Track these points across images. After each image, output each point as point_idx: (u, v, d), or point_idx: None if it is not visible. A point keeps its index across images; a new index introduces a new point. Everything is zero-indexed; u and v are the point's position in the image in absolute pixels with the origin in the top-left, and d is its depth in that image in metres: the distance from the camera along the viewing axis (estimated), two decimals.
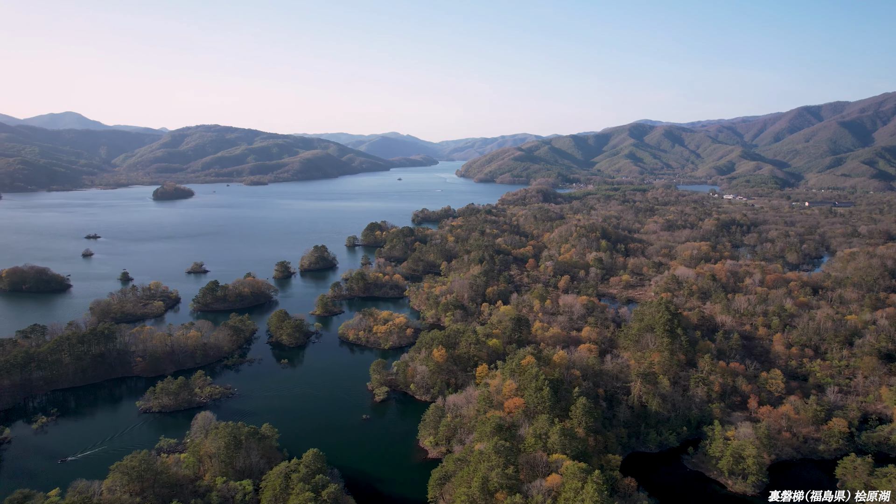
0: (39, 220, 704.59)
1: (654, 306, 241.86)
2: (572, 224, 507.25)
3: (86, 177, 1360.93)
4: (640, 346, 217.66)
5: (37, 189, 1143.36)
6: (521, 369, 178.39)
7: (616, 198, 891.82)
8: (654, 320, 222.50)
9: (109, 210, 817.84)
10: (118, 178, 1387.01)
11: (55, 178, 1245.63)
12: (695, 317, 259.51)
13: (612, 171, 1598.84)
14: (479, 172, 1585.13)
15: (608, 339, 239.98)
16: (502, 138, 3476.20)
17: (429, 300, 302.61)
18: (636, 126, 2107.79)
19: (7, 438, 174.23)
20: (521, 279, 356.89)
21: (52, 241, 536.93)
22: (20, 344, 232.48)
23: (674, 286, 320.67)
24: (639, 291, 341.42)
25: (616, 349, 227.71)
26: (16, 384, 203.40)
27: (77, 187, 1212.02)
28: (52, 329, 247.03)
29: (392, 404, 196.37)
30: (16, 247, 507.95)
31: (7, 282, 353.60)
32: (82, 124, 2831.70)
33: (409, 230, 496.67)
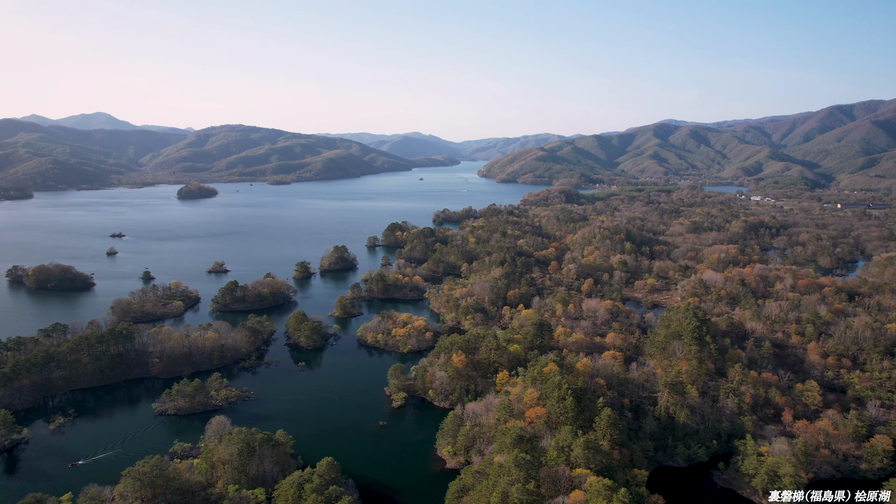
0: (68, 219, 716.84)
1: (681, 312, 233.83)
2: (596, 225, 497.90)
3: (113, 176, 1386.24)
4: (666, 354, 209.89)
5: (67, 188, 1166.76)
6: (543, 377, 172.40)
7: (640, 199, 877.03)
8: (682, 327, 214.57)
9: (135, 209, 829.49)
10: (144, 178, 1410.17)
11: (84, 177, 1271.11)
12: (723, 323, 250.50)
13: (636, 172, 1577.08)
14: (501, 172, 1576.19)
15: (633, 345, 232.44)
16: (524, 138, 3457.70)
17: (449, 303, 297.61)
18: (661, 126, 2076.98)
19: (25, 439, 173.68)
20: (543, 282, 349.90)
21: (79, 240, 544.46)
22: (41, 343, 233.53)
23: (701, 291, 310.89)
24: (665, 296, 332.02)
25: (642, 356, 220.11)
26: (36, 383, 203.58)
27: (105, 186, 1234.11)
28: (73, 328, 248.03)
29: (410, 410, 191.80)
30: (44, 245, 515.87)
31: (33, 280, 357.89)
32: (112, 124, 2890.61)
33: (430, 231, 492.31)
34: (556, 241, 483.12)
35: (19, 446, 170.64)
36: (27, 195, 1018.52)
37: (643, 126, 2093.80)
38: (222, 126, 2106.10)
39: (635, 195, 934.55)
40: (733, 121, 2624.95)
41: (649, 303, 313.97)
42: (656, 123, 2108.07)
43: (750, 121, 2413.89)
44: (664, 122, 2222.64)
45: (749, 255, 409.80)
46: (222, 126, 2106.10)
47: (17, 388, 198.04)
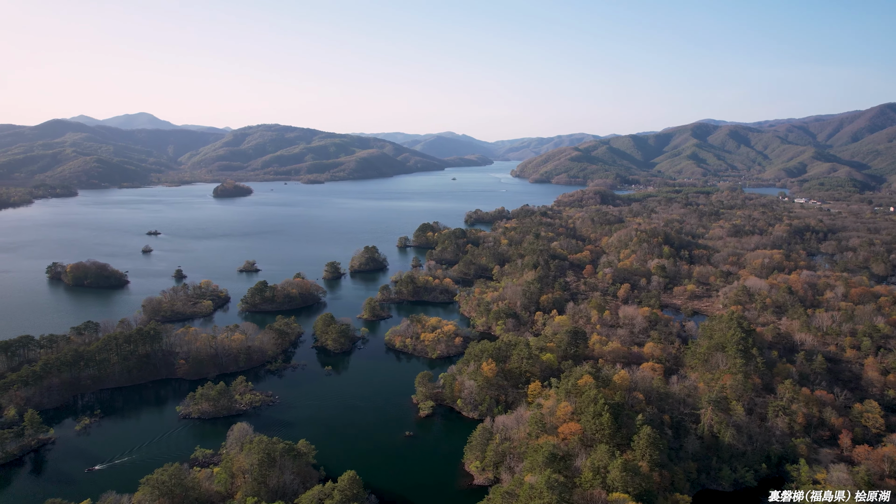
0: (108, 216, 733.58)
1: (724, 321, 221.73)
2: (632, 228, 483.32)
3: (153, 174, 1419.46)
4: (709, 367, 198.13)
5: (109, 186, 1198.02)
6: (578, 390, 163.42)
7: (678, 200, 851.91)
8: (726, 338, 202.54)
9: (172, 207, 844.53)
10: (182, 176, 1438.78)
11: (126, 175, 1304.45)
12: (769, 334, 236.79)
13: (673, 173, 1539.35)
14: (535, 173, 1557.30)
15: (673, 356, 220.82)
16: (559, 138, 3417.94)
17: (479, 307, 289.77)
18: (699, 126, 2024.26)
19: (52, 439, 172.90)
20: (577, 286, 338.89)
21: (118, 237, 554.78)
22: (73, 341, 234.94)
23: (744, 298, 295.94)
24: (705, 303, 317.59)
25: (682, 369, 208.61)
26: (65, 382, 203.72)
27: (145, 184, 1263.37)
28: (104, 326, 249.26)
29: (437, 420, 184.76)
30: (85, 242, 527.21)
31: (71, 276, 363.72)
32: (153, 124, 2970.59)
33: (462, 232, 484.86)
34: (591, 243, 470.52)
35: (46, 446, 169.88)
36: (72, 193, 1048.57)
37: (681, 126, 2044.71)
38: (259, 126, 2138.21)
39: (673, 197, 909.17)
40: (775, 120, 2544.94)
41: (689, 310, 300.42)
42: (694, 123, 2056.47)
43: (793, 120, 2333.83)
44: (702, 121, 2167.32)
45: (795, 260, 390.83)
46: (259, 126, 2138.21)
47: (47, 387, 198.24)
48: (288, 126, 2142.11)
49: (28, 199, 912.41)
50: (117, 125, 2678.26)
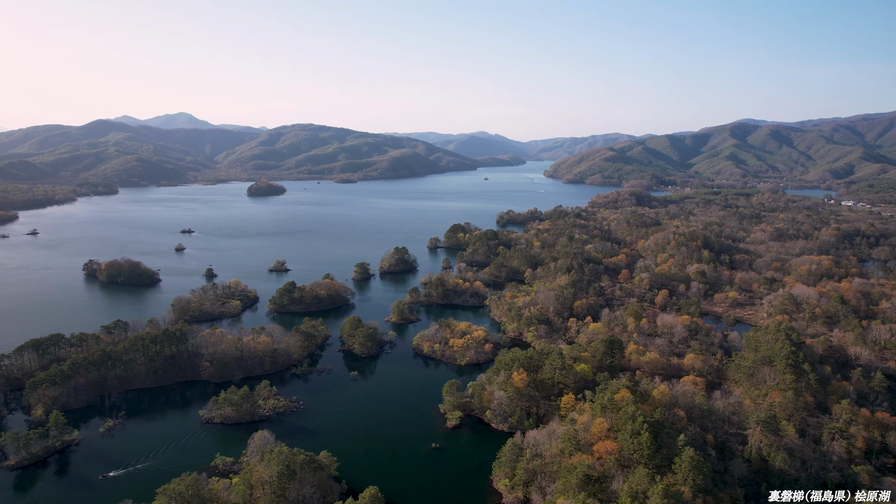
0: (146, 214, 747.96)
1: (770, 332, 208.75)
2: (670, 231, 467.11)
3: (190, 173, 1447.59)
4: (755, 382, 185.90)
5: (148, 184, 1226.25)
6: (615, 405, 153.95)
7: (717, 202, 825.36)
8: (773, 351, 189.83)
9: (207, 205, 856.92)
10: (218, 175, 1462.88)
11: (164, 173, 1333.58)
12: (820, 346, 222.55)
13: (711, 174, 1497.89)
14: (568, 173, 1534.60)
15: (715, 369, 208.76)
16: (593, 138, 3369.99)
17: (510, 312, 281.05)
18: (738, 125, 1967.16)
19: (76, 440, 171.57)
20: (612, 292, 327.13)
21: (152, 235, 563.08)
22: (102, 339, 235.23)
23: (791, 308, 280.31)
24: (748, 311, 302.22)
25: (725, 382, 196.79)
26: (92, 382, 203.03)
27: (182, 183, 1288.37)
28: (133, 325, 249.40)
29: (465, 432, 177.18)
30: (122, 239, 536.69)
31: (105, 274, 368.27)
32: (192, 124, 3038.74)
33: (493, 233, 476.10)
34: (627, 246, 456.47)
35: (70, 448, 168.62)
36: (113, 191, 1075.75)
37: (719, 126, 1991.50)
38: (293, 125, 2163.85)
39: (711, 198, 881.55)
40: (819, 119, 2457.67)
41: (731, 319, 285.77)
42: (733, 123, 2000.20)
43: (839, 119, 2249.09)
44: (742, 121, 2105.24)
45: (845, 267, 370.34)
46: (293, 125, 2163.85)
47: (74, 387, 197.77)
48: (322, 126, 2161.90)
49: (72, 197, 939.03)
50: (158, 125, 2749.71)
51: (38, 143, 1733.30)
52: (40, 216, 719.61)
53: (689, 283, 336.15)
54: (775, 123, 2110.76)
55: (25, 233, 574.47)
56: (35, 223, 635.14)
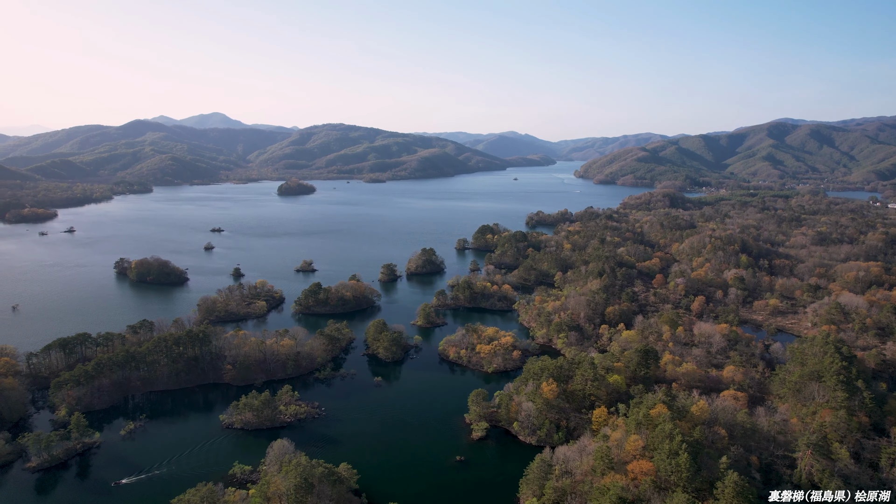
0: (178, 213, 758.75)
1: (817, 344, 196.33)
2: (705, 234, 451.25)
3: (223, 172, 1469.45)
4: (802, 398, 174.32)
5: (181, 183, 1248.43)
6: (651, 422, 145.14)
7: (754, 204, 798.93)
8: (822, 365, 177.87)
9: (238, 204, 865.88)
10: (250, 174, 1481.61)
11: (197, 172, 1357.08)
12: (872, 360, 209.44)
13: (746, 175, 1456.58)
14: (600, 173, 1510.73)
15: (757, 382, 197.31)
16: (624, 138, 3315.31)
17: (540, 317, 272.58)
18: (776, 125, 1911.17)
19: (96, 443, 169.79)
20: (646, 297, 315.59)
21: (183, 234, 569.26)
22: (128, 339, 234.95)
23: (839, 317, 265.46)
24: (790, 320, 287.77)
25: (768, 397, 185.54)
26: (115, 383, 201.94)
27: (214, 181, 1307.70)
28: (158, 325, 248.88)
29: (491, 444, 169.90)
30: (153, 238, 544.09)
31: (135, 273, 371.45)
32: (225, 123, 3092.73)
33: (522, 235, 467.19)
34: (661, 250, 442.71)
35: (91, 450, 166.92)
36: (148, 189, 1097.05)
37: (755, 125, 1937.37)
38: (324, 125, 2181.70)
39: (747, 200, 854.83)
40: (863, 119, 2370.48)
41: (772, 328, 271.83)
42: (771, 122, 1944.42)
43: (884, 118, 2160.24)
44: (780, 120, 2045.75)
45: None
46: (324, 125, 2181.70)
47: (98, 388, 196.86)
48: (352, 125, 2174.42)
49: (109, 195, 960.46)
50: (192, 125, 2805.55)
51: (79, 142, 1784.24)
52: (78, 214, 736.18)
53: (726, 290, 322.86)
54: (815, 123, 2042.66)
55: (63, 230, 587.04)
56: (72, 221, 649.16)
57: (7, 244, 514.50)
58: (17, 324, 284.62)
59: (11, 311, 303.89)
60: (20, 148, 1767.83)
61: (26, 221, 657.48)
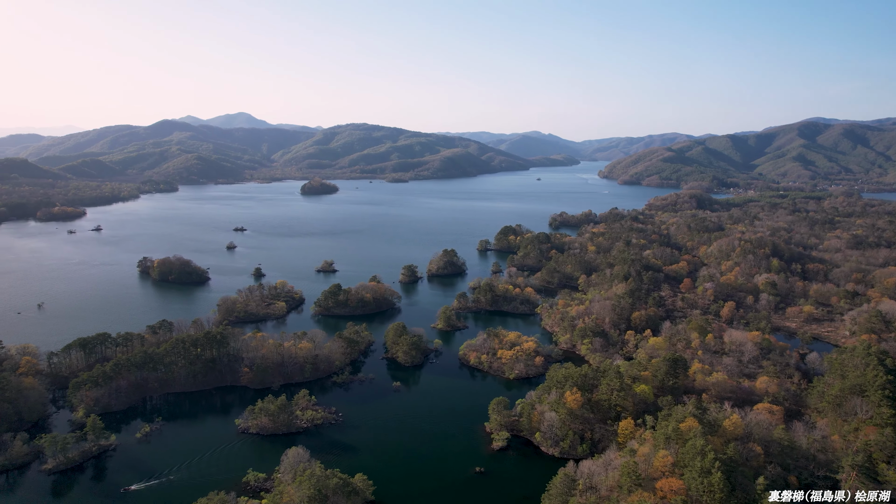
0: (202, 212, 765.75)
1: (858, 355, 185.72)
2: (734, 237, 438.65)
3: (247, 171, 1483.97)
4: (843, 413, 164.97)
5: (206, 182, 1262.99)
6: (680, 436, 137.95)
7: (784, 206, 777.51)
8: (865, 378, 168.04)
9: (262, 203, 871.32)
10: (273, 173, 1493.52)
11: (222, 172, 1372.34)
12: None
13: (776, 176, 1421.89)
14: (624, 174, 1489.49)
15: (793, 394, 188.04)
16: (649, 138, 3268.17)
17: (563, 322, 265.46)
18: (807, 125, 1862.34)
19: (112, 445, 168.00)
20: (673, 302, 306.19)
21: (206, 233, 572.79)
22: (147, 339, 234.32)
23: (879, 326, 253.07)
24: (826, 328, 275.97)
25: (806, 411, 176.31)
26: (132, 384, 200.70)
27: (239, 181, 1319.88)
28: (178, 325, 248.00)
29: (512, 455, 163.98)
30: (177, 237, 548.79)
31: (157, 272, 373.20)
32: (250, 123, 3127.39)
33: (546, 236, 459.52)
34: (688, 253, 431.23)
35: (107, 453, 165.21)
36: (174, 188, 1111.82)
37: (785, 125, 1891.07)
38: (347, 125, 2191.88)
39: (777, 202, 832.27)
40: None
41: (808, 336, 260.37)
42: (801, 122, 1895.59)
43: None
44: (811, 120, 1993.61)
45: None
46: (347, 125, 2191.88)
47: (115, 389, 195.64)
48: (375, 125, 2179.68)
49: (136, 194, 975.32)
50: (218, 124, 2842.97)
51: (109, 142, 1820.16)
52: (105, 212, 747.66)
53: (757, 295, 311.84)
54: (849, 122, 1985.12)
55: (90, 229, 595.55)
56: (100, 219, 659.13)
57: (37, 242, 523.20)
58: (41, 322, 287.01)
59: (37, 309, 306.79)
60: (53, 147, 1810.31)
61: (56, 220, 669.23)
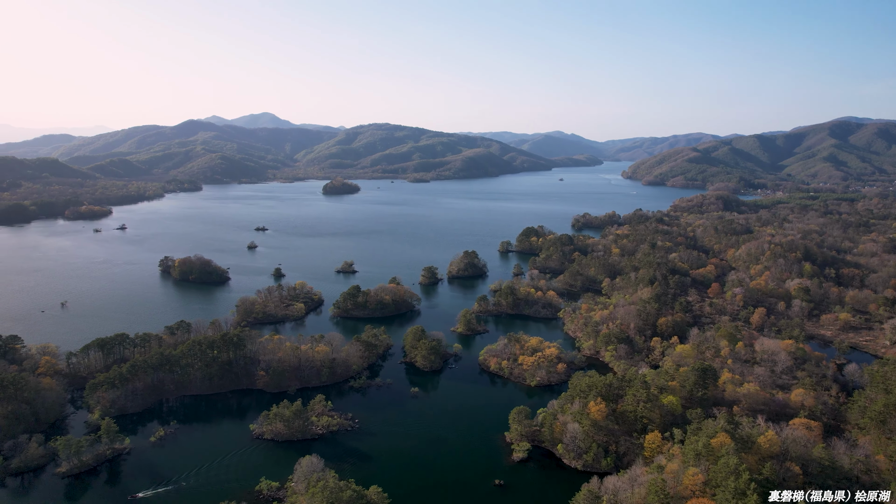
0: (225, 211, 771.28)
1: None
2: (764, 240, 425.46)
3: (270, 171, 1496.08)
4: (887, 430, 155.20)
5: (230, 181, 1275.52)
6: (711, 453, 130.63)
7: (815, 208, 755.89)
8: None
9: (284, 203, 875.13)
10: (296, 173, 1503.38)
11: (246, 171, 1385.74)
12: None
13: (805, 177, 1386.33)
14: (648, 174, 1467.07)
15: (831, 408, 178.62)
16: (674, 138, 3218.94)
17: (587, 327, 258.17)
18: (839, 124, 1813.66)
19: (126, 449, 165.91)
20: (701, 308, 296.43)
21: (228, 232, 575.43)
22: (165, 340, 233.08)
23: None
24: (865, 337, 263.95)
25: (846, 426, 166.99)
26: (148, 386, 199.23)
27: (262, 180, 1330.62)
28: (196, 326, 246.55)
29: (533, 467, 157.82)
30: (199, 236, 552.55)
31: (178, 271, 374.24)
32: (274, 123, 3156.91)
33: (568, 238, 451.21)
34: (716, 256, 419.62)
35: (121, 456, 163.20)
36: (198, 188, 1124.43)
37: (815, 125, 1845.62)
38: (370, 125, 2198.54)
39: (808, 203, 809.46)
40: None
41: (844, 346, 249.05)
42: (833, 121, 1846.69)
43: None
44: (843, 119, 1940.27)
45: None
46: (370, 125, 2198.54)
47: (132, 390, 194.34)
48: (398, 125, 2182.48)
49: (161, 193, 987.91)
50: (243, 125, 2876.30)
51: (136, 142, 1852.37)
52: (131, 211, 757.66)
53: (789, 301, 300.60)
54: (883, 121, 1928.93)
55: (115, 227, 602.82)
56: (125, 218, 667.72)
57: (64, 241, 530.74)
58: (64, 321, 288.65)
59: (60, 308, 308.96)
60: (84, 147, 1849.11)
61: (84, 218, 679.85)
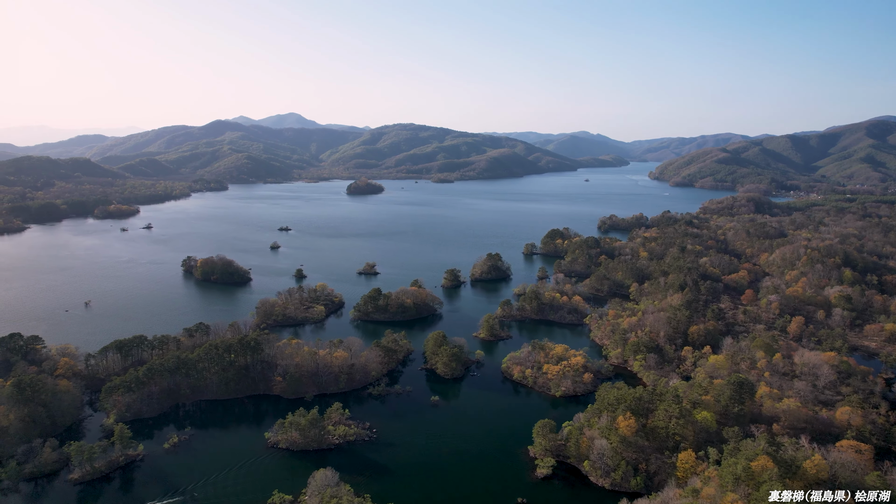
0: (249, 211, 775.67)
1: None
2: (800, 244, 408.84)
3: (295, 171, 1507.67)
4: None
5: (255, 181, 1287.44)
6: (752, 477, 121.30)
7: (852, 211, 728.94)
8: None
9: (308, 203, 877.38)
10: (321, 173, 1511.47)
11: (271, 171, 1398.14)
12: None
13: (841, 178, 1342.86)
14: (676, 175, 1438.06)
15: (880, 428, 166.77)
16: (702, 138, 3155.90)
17: (614, 334, 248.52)
18: (877, 123, 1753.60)
19: (140, 455, 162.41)
20: (734, 316, 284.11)
21: (252, 232, 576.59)
22: (183, 342, 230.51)
23: None
24: None
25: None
26: (164, 390, 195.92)
27: (287, 180, 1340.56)
28: (215, 328, 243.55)
29: (557, 485, 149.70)
30: (223, 236, 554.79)
31: (200, 271, 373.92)
32: (300, 123, 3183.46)
33: (595, 241, 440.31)
34: (748, 261, 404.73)
35: (134, 463, 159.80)
36: (224, 187, 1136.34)
37: (851, 124, 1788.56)
38: (395, 125, 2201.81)
39: (844, 206, 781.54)
40: None
41: (892, 359, 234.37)
42: (870, 120, 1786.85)
43: None
44: (881, 118, 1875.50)
45: None
46: (395, 125, 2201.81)
47: (148, 394, 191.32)
48: (422, 125, 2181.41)
49: (187, 193, 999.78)
50: (269, 125, 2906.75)
51: (165, 142, 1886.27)
52: (157, 211, 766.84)
53: (829, 310, 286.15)
54: None
55: (142, 227, 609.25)
56: (151, 217, 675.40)
57: (92, 240, 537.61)
58: (86, 321, 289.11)
59: (84, 307, 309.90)
60: (115, 147, 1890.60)
61: (112, 217, 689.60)
